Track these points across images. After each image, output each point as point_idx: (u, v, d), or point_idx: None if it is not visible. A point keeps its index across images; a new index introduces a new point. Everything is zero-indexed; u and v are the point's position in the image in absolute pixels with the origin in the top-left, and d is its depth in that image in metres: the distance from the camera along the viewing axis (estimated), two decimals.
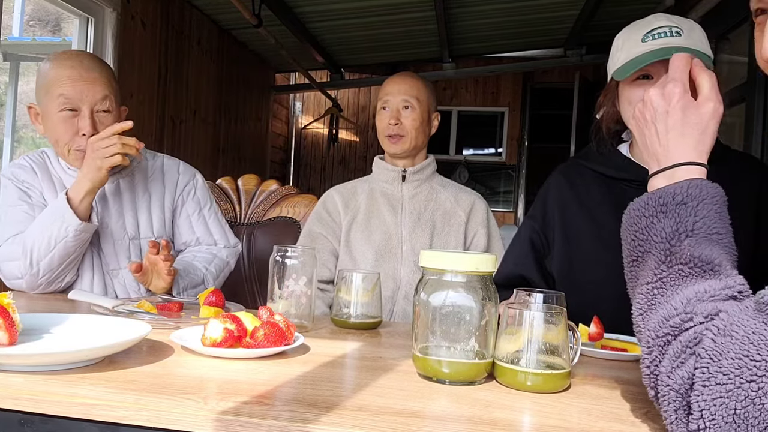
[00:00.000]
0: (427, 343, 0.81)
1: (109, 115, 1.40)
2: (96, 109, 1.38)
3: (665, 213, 0.68)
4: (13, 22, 5.01)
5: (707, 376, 0.55)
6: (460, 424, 0.64)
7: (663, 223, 0.68)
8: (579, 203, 1.27)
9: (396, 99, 1.66)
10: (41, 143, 5.90)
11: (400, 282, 1.64)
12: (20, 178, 1.42)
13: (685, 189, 0.68)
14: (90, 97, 1.36)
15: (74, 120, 1.36)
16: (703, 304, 0.61)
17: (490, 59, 5.72)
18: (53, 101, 1.35)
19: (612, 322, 1.13)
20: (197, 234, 1.56)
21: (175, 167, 1.58)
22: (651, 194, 0.71)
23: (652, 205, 0.70)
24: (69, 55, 1.40)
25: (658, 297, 0.66)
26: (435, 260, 0.81)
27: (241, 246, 1.63)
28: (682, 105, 0.72)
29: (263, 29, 3.89)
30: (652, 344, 0.63)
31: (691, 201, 0.68)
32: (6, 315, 0.79)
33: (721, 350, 0.56)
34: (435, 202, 1.70)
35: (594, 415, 0.70)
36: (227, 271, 1.55)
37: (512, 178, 6.78)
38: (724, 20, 2.98)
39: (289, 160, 6.99)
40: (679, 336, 0.60)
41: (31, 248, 1.31)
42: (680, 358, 0.59)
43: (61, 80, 1.35)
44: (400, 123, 1.65)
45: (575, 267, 1.25)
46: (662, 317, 0.63)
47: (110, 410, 0.64)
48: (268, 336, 0.87)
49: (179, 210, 1.56)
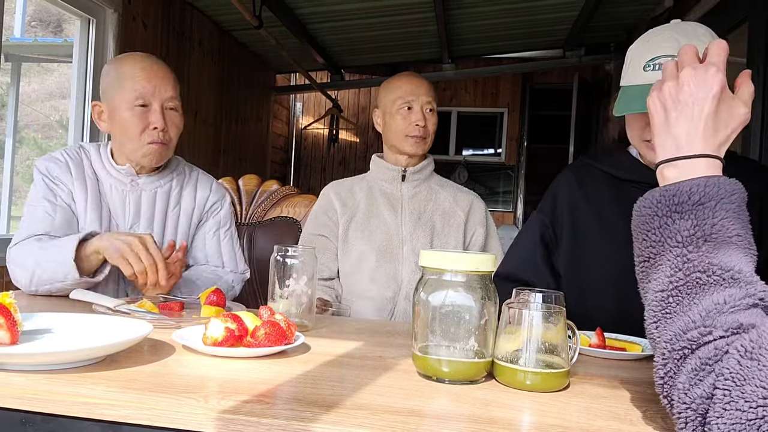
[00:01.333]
0: (427, 343, 0.81)
1: (177, 114, 1.46)
2: (165, 106, 1.42)
3: (681, 214, 0.63)
4: (14, 23, 5.01)
5: (728, 400, 0.53)
6: (459, 422, 0.65)
7: (678, 224, 0.63)
8: (588, 203, 1.28)
9: (421, 100, 1.66)
10: (43, 144, 5.90)
11: (401, 282, 1.64)
12: (53, 174, 1.42)
13: (702, 187, 0.63)
14: (162, 93, 1.41)
15: (146, 115, 1.40)
16: (723, 316, 0.58)
17: (489, 60, 5.73)
18: (126, 95, 1.39)
19: (617, 322, 1.14)
20: (207, 252, 1.55)
21: (208, 185, 1.59)
22: (665, 191, 0.66)
23: (666, 204, 0.65)
24: (142, 56, 1.46)
25: (674, 306, 0.62)
26: (435, 260, 0.81)
27: (249, 273, 1.61)
28: (721, 97, 0.68)
29: (264, 30, 3.90)
30: (667, 356, 0.60)
31: (709, 201, 0.63)
32: (7, 314, 0.80)
33: (746, 375, 0.53)
34: (434, 202, 1.71)
35: (593, 414, 0.70)
36: (231, 295, 1.53)
37: (511, 178, 6.78)
38: (723, 20, 2.98)
39: (290, 160, 7.00)
40: (697, 351, 0.57)
41: (34, 270, 1.30)
42: (698, 375, 0.56)
43: (135, 76, 1.40)
44: (426, 126, 1.66)
45: (582, 266, 1.26)
46: (679, 330, 0.60)
47: (112, 409, 0.65)
48: (268, 335, 0.87)
49: (200, 226, 1.56)
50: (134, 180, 1.46)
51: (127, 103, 1.39)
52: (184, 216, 1.52)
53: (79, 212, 1.42)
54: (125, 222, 1.44)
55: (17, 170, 3.79)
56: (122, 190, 1.45)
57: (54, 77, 6.52)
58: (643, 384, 0.84)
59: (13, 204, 3.12)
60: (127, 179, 1.46)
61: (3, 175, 3.17)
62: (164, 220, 1.49)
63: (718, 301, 0.59)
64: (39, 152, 5.63)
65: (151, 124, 1.40)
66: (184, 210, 1.52)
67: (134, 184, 1.46)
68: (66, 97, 4.55)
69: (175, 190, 1.52)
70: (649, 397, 0.78)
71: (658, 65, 1.10)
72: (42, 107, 6.51)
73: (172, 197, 1.51)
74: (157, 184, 1.49)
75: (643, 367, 0.97)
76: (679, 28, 1.12)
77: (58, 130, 5.99)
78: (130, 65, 1.42)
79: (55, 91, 6.44)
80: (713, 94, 0.67)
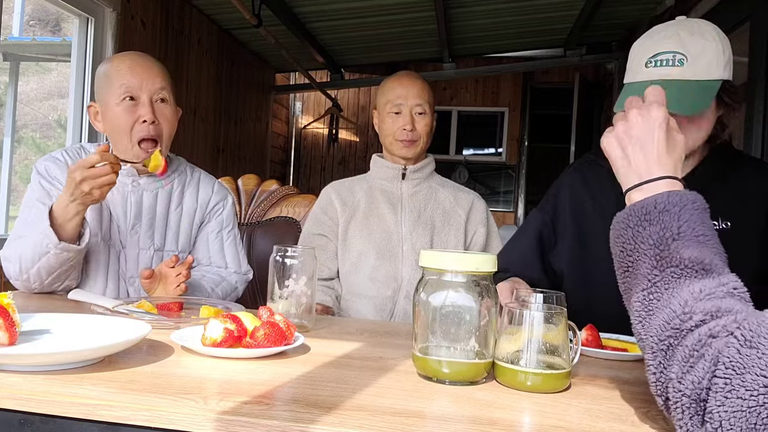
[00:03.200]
0: (427, 343, 0.81)
1: (167, 106, 1.44)
2: (154, 98, 1.42)
3: (649, 221, 0.70)
4: (13, 21, 5.01)
5: (729, 389, 0.55)
6: (460, 424, 0.64)
7: (648, 230, 0.70)
8: (593, 201, 1.28)
9: (410, 103, 1.66)
10: (42, 144, 5.89)
11: (401, 281, 1.64)
12: (51, 174, 1.42)
13: (665, 197, 0.71)
14: (149, 85, 1.41)
15: (135, 109, 1.40)
16: (701, 303, 0.62)
17: (490, 59, 5.72)
18: (114, 92, 1.39)
19: (619, 322, 1.13)
20: (210, 253, 1.54)
21: (211, 185, 1.58)
22: (633, 206, 0.73)
23: (636, 215, 0.72)
24: (130, 53, 1.48)
25: (655, 302, 0.66)
26: (435, 260, 0.81)
27: (252, 274, 1.61)
28: (667, 127, 0.78)
29: (263, 29, 3.89)
30: (656, 349, 0.63)
31: (672, 207, 0.70)
32: (6, 315, 0.79)
33: (746, 363, 0.55)
34: (434, 201, 1.70)
35: (594, 415, 0.70)
36: (234, 296, 1.52)
37: (512, 178, 6.78)
38: (723, 20, 2.97)
39: (289, 160, 6.99)
40: (684, 340, 0.61)
41: (21, 255, 1.30)
42: (689, 362, 0.59)
43: (120, 71, 1.40)
44: (415, 129, 1.65)
45: (585, 265, 1.26)
46: (663, 321, 0.63)
47: (110, 410, 0.64)
48: (268, 336, 0.87)
49: (202, 227, 1.56)
50: (135, 180, 1.46)
51: (116, 98, 1.39)
52: (186, 216, 1.51)
53: None
54: (126, 223, 1.43)
55: (15, 170, 3.79)
56: (123, 190, 1.45)
57: (52, 76, 6.51)
58: (644, 385, 0.84)
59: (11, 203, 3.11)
60: (129, 179, 1.45)
61: (1, 175, 3.16)
62: (166, 220, 1.48)
63: (694, 290, 0.64)
64: (37, 152, 5.62)
65: (140, 117, 1.39)
66: (186, 210, 1.52)
67: (135, 184, 1.46)
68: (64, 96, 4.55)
69: (176, 191, 1.51)
70: (650, 398, 0.77)
71: (660, 62, 1.09)
72: (40, 106, 6.50)
73: (173, 198, 1.50)
74: (158, 184, 1.48)
75: (644, 367, 0.96)
76: (684, 25, 1.11)
77: (56, 130, 5.98)
78: (118, 62, 1.43)
79: (53, 91, 6.44)
80: (658, 124, 0.77)
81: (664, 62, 1.09)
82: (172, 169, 1.52)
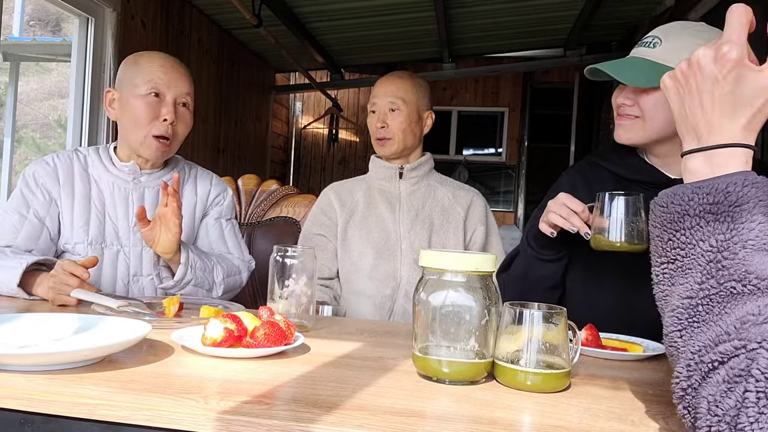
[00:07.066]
0: (427, 343, 0.81)
1: (187, 111, 1.47)
2: (179, 101, 1.44)
3: (716, 215, 0.58)
4: (13, 22, 5.01)
5: (765, 403, 0.49)
6: (460, 423, 0.64)
7: (713, 227, 0.58)
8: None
9: (383, 101, 1.66)
10: (42, 144, 5.89)
11: (400, 280, 1.64)
12: (38, 180, 1.42)
13: (740, 187, 0.58)
14: (177, 87, 1.43)
15: (158, 106, 1.41)
16: (758, 327, 0.53)
17: (490, 59, 5.72)
18: (141, 83, 1.40)
19: (619, 322, 1.13)
20: (211, 239, 1.55)
21: (209, 179, 1.60)
22: (697, 188, 0.60)
23: (700, 203, 0.59)
24: (163, 53, 1.50)
25: (703, 315, 0.57)
26: (435, 260, 0.81)
27: (254, 264, 1.60)
28: (737, 74, 0.60)
29: (263, 29, 3.90)
30: (693, 368, 0.55)
31: (747, 203, 0.57)
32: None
33: None
34: (433, 199, 1.70)
35: (594, 414, 0.70)
36: (238, 280, 1.49)
37: (512, 178, 6.78)
38: (723, 20, 2.98)
39: (289, 160, 7.00)
40: (728, 362, 0.53)
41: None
42: (729, 386, 0.52)
43: (153, 66, 1.42)
44: (387, 126, 1.65)
45: (586, 266, 1.25)
46: (710, 341, 0.55)
47: (111, 410, 0.64)
48: (268, 336, 0.87)
49: (202, 219, 1.56)
50: (136, 178, 1.47)
51: (142, 90, 1.40)
52: (187, 211, 1.51)
53: (64, 216, 1.42)
54: (128, 221, 1.44)
55: (15, 170, 3.79)
56: (125, 188, 1.46)
57: (53, 76, 6.51)
58: (644, 385, 0.84)
59: None
60: (130, 177, 1.46)
61: (1, 175, 3.16)
62: None
63: (753, 312, 0.54)
64: (37, 152, 5.62)
65: (162, 115, 1.41)
66: (186, 205, 1.52)
67: (137, 182, 1.47)
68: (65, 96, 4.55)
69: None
70: (650, 398, 0.77)
71: (640, 44, 1.14)
72: (40, 107, 6.50)
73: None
74: (158, 181, 1.49)
75: (644, 367, 0.96)
76: (693, 24, 1.13)
77: (56, 130, 5.98)
78: (150, 58, 1.45)
79: (53, 91, 6.44)
80: (725, 73, 0.61)
81: (642, 44, 1.15)
82: (171, 167, 1.54)
